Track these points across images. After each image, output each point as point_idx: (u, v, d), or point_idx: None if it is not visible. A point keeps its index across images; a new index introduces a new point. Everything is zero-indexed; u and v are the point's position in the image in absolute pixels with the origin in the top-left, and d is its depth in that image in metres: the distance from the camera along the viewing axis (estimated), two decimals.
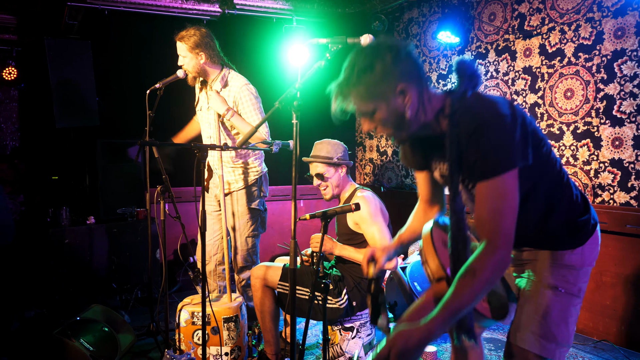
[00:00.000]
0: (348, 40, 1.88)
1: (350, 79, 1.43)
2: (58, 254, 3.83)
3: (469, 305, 1.32)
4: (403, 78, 1.41)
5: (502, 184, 1.35)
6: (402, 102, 1.42)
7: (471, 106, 1.41)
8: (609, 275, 3.25)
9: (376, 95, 1.42)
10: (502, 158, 1.35)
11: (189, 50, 3.01)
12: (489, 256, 1.33)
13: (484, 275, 1.30)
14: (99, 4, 4.30)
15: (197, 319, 2.75)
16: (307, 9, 4.94)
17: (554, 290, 1.55)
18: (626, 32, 3.13)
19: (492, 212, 1.35)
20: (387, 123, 1.46)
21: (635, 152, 3.11)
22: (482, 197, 1.38)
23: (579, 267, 1.58)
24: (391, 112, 1.43)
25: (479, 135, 1.36)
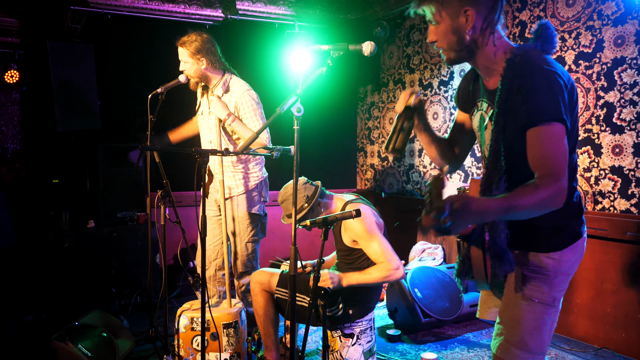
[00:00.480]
0: (350, 47, 1.88)
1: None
2: (57, 258, 3.82)
3: (520, 210, 1.37)
4: (473, 3, 1.52)
5: (555, 131, 1.43)
6: (464, 24, 1.53)
7: (534, 58, 1.50)
8: (609, 283, 3.24)
9: (445, 8, 1.54)
10: (559, 109, 1.43)
11: (190, 56, 3.02)
12: (552, 183, 1.39)
13: (543, 193, 1.38)
14: (101, 8, 4.33)
15: (196, 324, 2.74)
16: (310, 15, 4.96)
17: (528, 301, 1.58)
18: (626, 40, 3.14)
19: (548, 152, 1.43)
20: (446, 37, 1.57)
21: (636, 160, 3.11)
22: (538, 140, 1.44)
23: (553, 275, 1.58)
24: (452, 28, 1.55)
25: (537, 83, 1.44)
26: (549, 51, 1.56)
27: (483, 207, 1.34)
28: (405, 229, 5.06)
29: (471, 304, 3.76)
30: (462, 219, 1.31)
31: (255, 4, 4.76)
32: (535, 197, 1.37)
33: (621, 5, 3.16)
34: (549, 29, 1.57)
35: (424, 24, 4.88)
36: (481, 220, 1.47)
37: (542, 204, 1.39)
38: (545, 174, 1.41)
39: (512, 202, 1.36)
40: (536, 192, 1.37)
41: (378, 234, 2.54)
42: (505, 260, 1.54)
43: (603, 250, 3.26)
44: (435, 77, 4.76)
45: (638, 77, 3.08)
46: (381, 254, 2.50)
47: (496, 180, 1.55)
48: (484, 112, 1.65)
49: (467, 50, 1.57)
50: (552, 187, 1.39)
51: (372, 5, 5.05)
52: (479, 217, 1.36)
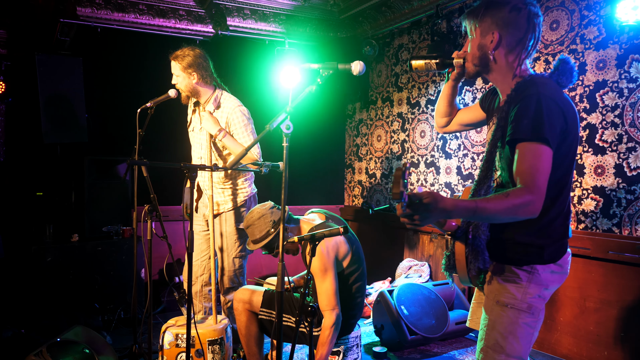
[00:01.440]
0: (339, 66, 1.92)
1: (478, 7, 1.74)
2: (39, 272, 3.76)
3: (487, 213, 1.49)
4: (503, 29, 1.68)
5: (538, 148, 1.54)
6: (489, 44, 1.70)
7: (537, 82, 1.63)
8: (592, 301, 3.28)
9: (480, 26, 1.72)
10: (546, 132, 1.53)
11: (182, 70, 3.04)
12: (523, 193, 1.50)
13: (514, 201, 1.49)
14: (91, 21, 4.33)
15: (181, 341, 2.71)
16: (300, 32, 5.02)
17: (502, 307, 1.69)
18: (607, 64, 3.23)
19: (530, 168, 1.53)
20: (472, 51, 1.76)
21: (617, 180, 3.18)
22: (522, 155, 1.56)
23: (526, 284, 1.68)
24: (479, 45, 1.73)
25: (530, 102, 1.56)
26: (564, 84, 1.69)
27: (450, 205, 1.46)
28: (392, 246, 5.08)
29: (457, 322, 3.77)
30: (430, 212, 1.42)
31: (246, 21, 4.80)
32: (503, 204, 1.48)
33: (603, 31, 3.26)
34: (567, 64, 1.70)
35: (412, 43, 4.96)
36: (448, 216, 1.56)
37: (510, 211, 1.49)
38: (520, 185, 1.53)
39: (478, 205, 1.48)
40: (505, 199, 1.49)
41: (331, 275, 2.50)
42: (480, 259, 1.68)
43: (586, 269, 3.31)
44: (422, 96, 4.82)
45: (619, 100, 3.17)
46: (325, 297, 2.48)
47: (485, 188, 1.69)
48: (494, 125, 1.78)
49: (486, 68, 1.75)
50: (522, 197, 1.49)
51: (362, 25, 5.14)
52: (446, 213, 1.47)
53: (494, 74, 1.76)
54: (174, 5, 4.56)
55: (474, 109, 2.04)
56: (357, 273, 2.65)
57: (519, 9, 1.67)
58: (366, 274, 2.76)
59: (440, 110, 2.10)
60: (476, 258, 1.69)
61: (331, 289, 2.49)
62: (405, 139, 5.05)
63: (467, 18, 1.77)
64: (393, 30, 5.13)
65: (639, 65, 3.05)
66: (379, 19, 4.95)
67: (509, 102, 1.66)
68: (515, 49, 1.70)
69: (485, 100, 1.97)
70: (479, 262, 1.68)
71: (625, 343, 3.10)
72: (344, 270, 2.61)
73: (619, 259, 3.11)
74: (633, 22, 2.94)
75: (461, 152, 4.37)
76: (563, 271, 1.72)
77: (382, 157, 5.38)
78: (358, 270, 2.66)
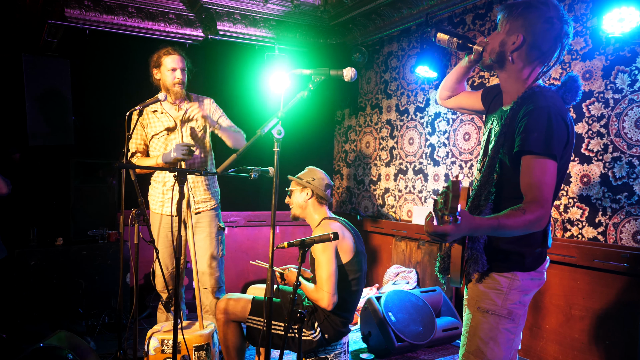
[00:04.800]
0: (331, 72, 1.92)
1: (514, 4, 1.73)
2: (23, 276, 3.70)
3: (507, 229, 1.54)
4: (529, 36, 1.68)
5: (547, 163, 1.59)
6: (511, 44, 1.71)
7: (545, 95, 1.65)
8: (577, 309, 3.31)
9: (509, 23, 1.73)
10: (553, 145, 1.58)
11: (186, 66, 3.16)
12: (537, 208, 1.55)
13: (530, 217, 1.54)
14: (80, 23, 4.29)
15: (166, 346, 2.67)
16: (290, 38, 5.02)
17: (483, 313, 1.73)
18: (593, 74, 3.28)
19: (539, 182, 1.58)
20: (493, 44, 1.76)
21: (602, 189, 3.22)
22: (531, 168, 1.60)
23: (507, 290, 1.72)
24: (502, 41, 1.74)
25: (540, 116, 1.59)
26: (569, 101, 1.72)
27: (478, 224, 1.51)
28: (380, 252, 5.08)
29: (444, 329, 3.78)
30: (461, 231, 1.45)
31: (236, 25, 4.79)
32: (521, 220, 1.54)
33: (589, 42, 3.31)
34: (576, 82, 1.72)
35: (402, 51, 4.99)
36: (474, 233, 1.62)
37: (526, 227, 1.55)
38: (532, 200, 1.57)
39: (500, 222, 1.53)
40: (523, 216, 1.54)
41: (332, 259, 2.54)
42: (479, 262, 1.70)
43: (572, 277, 3.34)
44: (411, 103, 4.85)
45: (605, 110, 3.22)
46: (324, 280, 2.51)
47: (485, 193, 1.72)
48: (494, 128, 1.81)
49: (501, 64, 1.77)
50: (536, 213, 1.55)
51: (352, 31, 5.16)
52: (473, 230, 1.52)
53: (505, 73, 1.78)
54: (164, 9, 4.54)
55: (475, 98, 2.06)
56: (356, 276, 2.65)
57: (552, 23, 1.67)
58: (362, 290, 2.78)
59: (447, 84, 2.11)
60: (476, 262, 1.70)
61: (329, 269, 2.51)
62: (394, 146, 5.07)
63: (503, 11, 1.77)
64: (383, 38, 5.17)
65: (624, 76, 3.11)
66: (369, 27, 4.98)
67: (515, 109, 1.69)
68: (535, 60, 1.72)
69: (487, 96, 1.98)
70: (478, 266, 1.70)
71: (611, 351, 3.13)
72: (343, 265, 2.63)
73: (605, 267, 3.14)
74: (619, 34, 3.00)
75: (449, 160, 4.40)
76: (542, 277, 1.78)
77: (370, 164, 5.40)
78: (357, 275, 2.66)
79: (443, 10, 4.26)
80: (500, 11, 1.78)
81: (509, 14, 1.73)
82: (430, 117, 4.63)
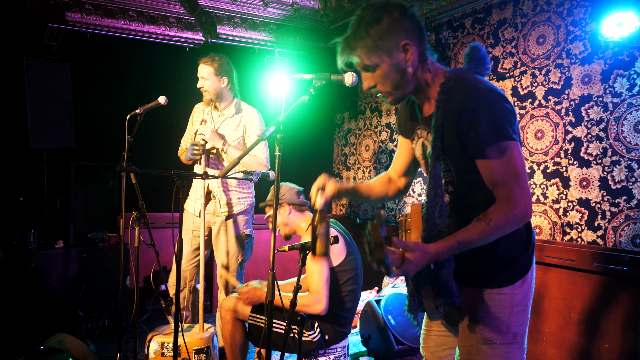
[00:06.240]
0: (332, 77, 1.93)
1: (358, 31, 1.48)
2: (23, 279, 3.70)
3: (474, 243, 1.38)
4: (407, 34, 1.48)
5: (506, 148, 1.39)
6: (404, 58, 1.48)
7: (468, 79, 1.47)
8: (576, 312, 3.32)
9: (381, 48, 1.47)
10: (504, 127, 1.39)
11: (213, 73, 3.22)
12: (507, 210, 1.37)
13: (499, 222, 1.37)
14: (81, 26, 4.30)
15: (167, 349, 2.68)
16: (289, 42, 5.04)
17: (490, 344, 1.50)
18: (592, 79, 3.30)
19: (504, 175, 1.39)
20: (388, 79, 1.50)
21: (601, 193, 3.23)
22: (492, 164, 1.41)
23: (509, 310, 1.50)
24: (393, 67, 1.48)
25: (477, 104, 1.39)
26: (482, 73, 1.54)
27: (435, 251, 1.36)
28: None
29: None
30: (418, 266, 1.34)
31: (236, 29, 4.81)
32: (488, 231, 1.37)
33: (588, 46, 3.33)
34: (480, 51, 1.55)
35: None
36: (437, 260, 1.42)
37: (498, 233, 1.39)
38: (500, 200, 1.40)
39: (459, 239, 1.38)
40: (488, 226, 1.37)
41: (323, 263, 2.55)
42: (445, 293, 1.47)
43: (571, 280, 3.35)
44: None
45: (604, 114, 3.23)
46: (315, 285, 2.53)
47: (438, 208, 1.49)
48: (425, 139, 1.61)
49: (412, 84, 1.53)
50: (507, 215, 1.38)
51: None
52: (433, 260, 1.38)
53: (412, 87, 1.54)
54: (164, 13, 4.55)
55: (406, 147, 1.77)
56: (351, 275, 2.66)
57: (411, 12, 1.50)
58: (361, 287, 2.78)
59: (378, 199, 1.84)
60: (441, 294, 1.48)
61: (319, 274, 2.52)
62: (393, 149, 5.08)
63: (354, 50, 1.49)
64: None
65: (623, 80, 3.12)
66: None
67: (442, 107, 1.47)
68: (421, 46, 1.50)
69: (402, 124, 1.76)
70: (446, 298, 1.47)
71: (610, 354, 3.13)
72: (334, 268, 2.63)
73: (604, 270, 3.15)
74: (617, 39, 3.01)
75: None
76: (532, 284, 1.57)
77: (370, 167, 5.41)
78: (353, 274, 2.66)
79: (442, 14, 4.28)
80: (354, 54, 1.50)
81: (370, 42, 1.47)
82: None
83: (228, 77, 3.28)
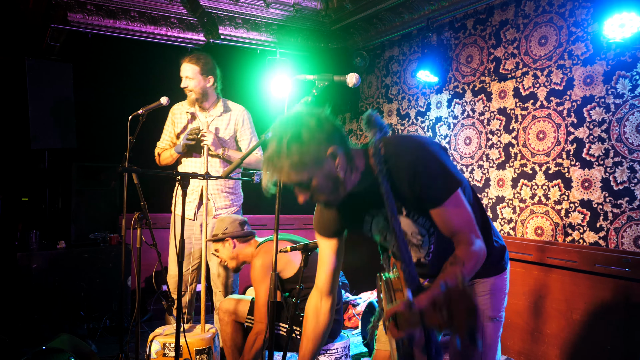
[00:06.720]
0: (335, 77, 1.93)
1: (280, 152, 1.42)
2: (24, 279, 3.70)
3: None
4: (330, 141, 1.46)
5: (455, 200, 1.52)
6: (334, 165, 1.46)
7: (397, 144, 1.55)
8: (578, 314, 3.31)
9: (309, 163, 1.42)
10: (448, 182, 1.51)
11: (199, 73, 3.17)
12: (470, 248, 1.49)
13: (470, 264, 1.46)
14: (82, 27, 4.31)
15: (168, 350, 2.68)
16: (291, 42, 5.05)
17: (493, 321, 1.77)
18: (594, 80, 3.29)
19: (459, 222, 1.52)
20: (323, 188, 1.47)
21: (604, 194, 3.23)
22: (445, 216, 1.53)
23: (505, 291, 1.81)
24: (326, 176, 1.45)
25: (418, 167, 1.49)
26: (386, 133, 1.57)
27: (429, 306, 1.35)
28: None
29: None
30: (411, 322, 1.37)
31: (237, 30, 4.82)
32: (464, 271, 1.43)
33: (590, 47, 3.33)
34: (375, 115, 1.56)
35: (403, 55, 5.01)
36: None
37: (472, 272, 1.49)
38: (464, 240, 1.50)
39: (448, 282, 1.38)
40: (463, 267, 1.43)
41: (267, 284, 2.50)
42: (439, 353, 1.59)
43: (573, 282, 3.34)
44: (412, 108, 4.87)
45: (606, 115, 3.23)
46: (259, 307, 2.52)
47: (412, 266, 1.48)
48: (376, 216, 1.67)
49: (348, 183, 1.51)
50: (473, 256, 1.47)
51: (353, 36, 5.18)
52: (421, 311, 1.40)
53: (349, 186, 1.53)
54: (166, 13, 4.56)
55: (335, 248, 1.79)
56: None
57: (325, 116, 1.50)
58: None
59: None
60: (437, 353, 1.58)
61: (259, 301, 2.52)
62: None
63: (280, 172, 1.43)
64: (384, 42, 5.18)
65: (625, 81, 3.12)
66: (370, 31, 5.00)
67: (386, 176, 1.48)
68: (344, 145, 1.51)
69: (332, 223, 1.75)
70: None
71: (612, 356, 3.13)
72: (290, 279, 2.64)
73: (606, 272, 3.14)
74: (620, 39, 3.01)
75: None
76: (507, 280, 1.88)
77: None
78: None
79: (444, 15, 4.28)
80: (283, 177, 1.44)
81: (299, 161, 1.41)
82: (431, 121, 4.64)
83: (214, 76, 3.25)
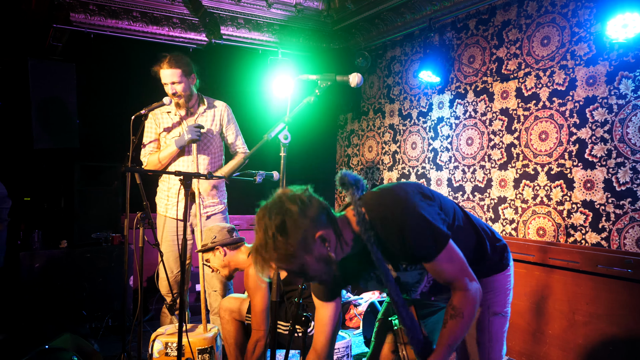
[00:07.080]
0: (337, 77, 1.93)
1: (266, 245, 1.42)
2: (27, 279, 3.71)
3: (460, 339, 1.60)
4: (316, 225, 1.45)
5: (446, 253, 1.56)
6: (324, 247, 1.46)
7: (379, 206, 1.55)
8: (581, 314, 3.31)
9: (297, 252, 1.42)
10: (437, 240, 1.54)
11: (184, 75, 3.09)
12: (467, 294, 1.58)
13: (469, 311, 1.58)
14: (85, 27, 4.31)
15: (170, 349, 2.68)
16: (293, 43, 5.05)
17: (498, 316, 1.82)
18: (597, 80, 3.29)
19: (452, 271, 1.58)
20: (316, 271, 1.49)
21: (606, 195, 3.23)
22: (438, 269, 1.58)
23: (509, 287, 1.86)
24: (317, 260, 1.46)
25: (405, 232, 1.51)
26: (364, 190, 1.62)
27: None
28: None
29: None
30: None
31: (239, 30, 4.82)
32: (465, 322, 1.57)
33: (593, 47, 3.32)
34: (349, 174, 1.60)
35: (405, 56, 5.01)
36: None
37: (473, 317, 1.60)
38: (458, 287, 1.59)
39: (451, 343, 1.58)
40: (463, 319, 1.57)
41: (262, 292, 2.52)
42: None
43: (575, 282, 3.34)
44: (414, 108, 4.87)
45: (608, 116, 3.22)
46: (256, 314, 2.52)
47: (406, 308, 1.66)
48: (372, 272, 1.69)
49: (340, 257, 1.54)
50: (470, 302, 1.57)
51: (355, 36, 5.18)
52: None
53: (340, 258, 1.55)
54: (168, 13, 4.56)
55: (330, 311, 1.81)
56: None
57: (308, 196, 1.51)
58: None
59: None
60: None
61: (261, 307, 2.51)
62: (396, 150, 5.08)
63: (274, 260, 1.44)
64: (386, 43, 5.18)
65: (628, 82, 3.12)
66: (372, 31, 5.00)
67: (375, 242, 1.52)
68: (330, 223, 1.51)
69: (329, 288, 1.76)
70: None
71: (614, 357, 3.12)
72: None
73: (608, 272, 3.14)
74: (623, 40, 3.01)
75: (452, 165, 4.41)
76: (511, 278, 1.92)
77: (372, 168, 5.41)
78: None
79: (446, 15, 4.28)
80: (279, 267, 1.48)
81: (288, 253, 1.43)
82: (433, 121, 4.64)
83: (195, 72, 3.20)
